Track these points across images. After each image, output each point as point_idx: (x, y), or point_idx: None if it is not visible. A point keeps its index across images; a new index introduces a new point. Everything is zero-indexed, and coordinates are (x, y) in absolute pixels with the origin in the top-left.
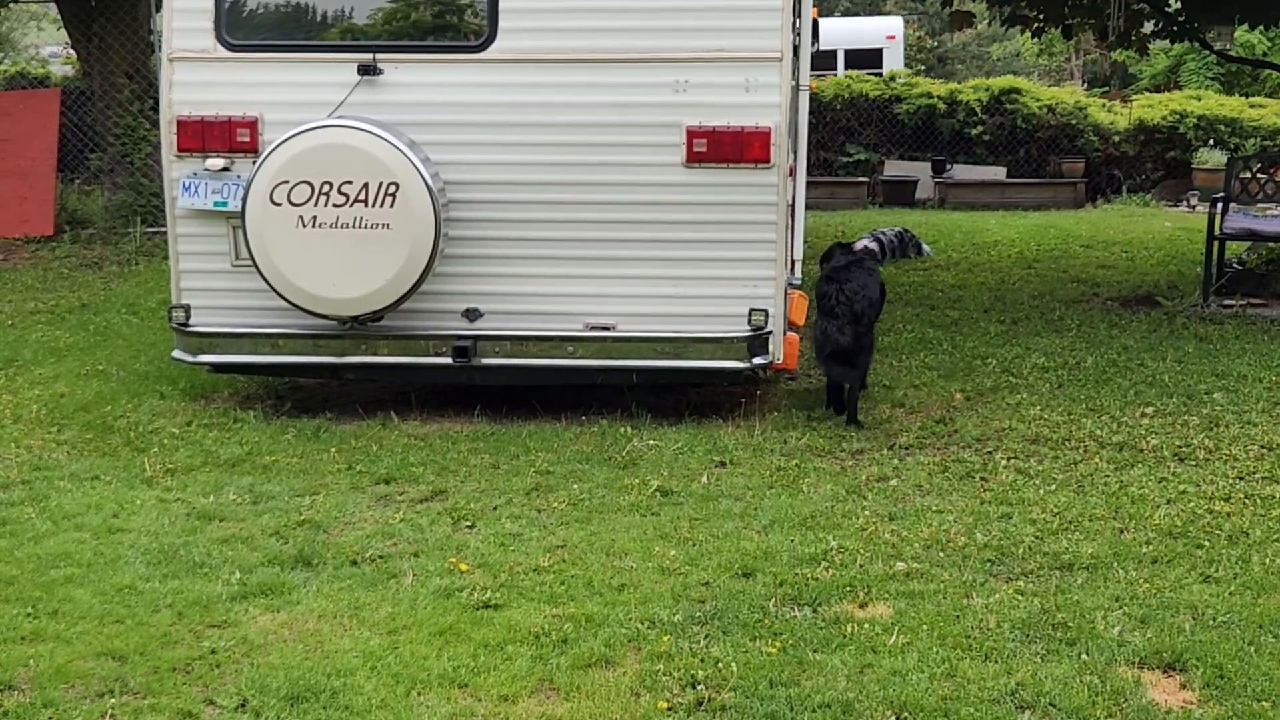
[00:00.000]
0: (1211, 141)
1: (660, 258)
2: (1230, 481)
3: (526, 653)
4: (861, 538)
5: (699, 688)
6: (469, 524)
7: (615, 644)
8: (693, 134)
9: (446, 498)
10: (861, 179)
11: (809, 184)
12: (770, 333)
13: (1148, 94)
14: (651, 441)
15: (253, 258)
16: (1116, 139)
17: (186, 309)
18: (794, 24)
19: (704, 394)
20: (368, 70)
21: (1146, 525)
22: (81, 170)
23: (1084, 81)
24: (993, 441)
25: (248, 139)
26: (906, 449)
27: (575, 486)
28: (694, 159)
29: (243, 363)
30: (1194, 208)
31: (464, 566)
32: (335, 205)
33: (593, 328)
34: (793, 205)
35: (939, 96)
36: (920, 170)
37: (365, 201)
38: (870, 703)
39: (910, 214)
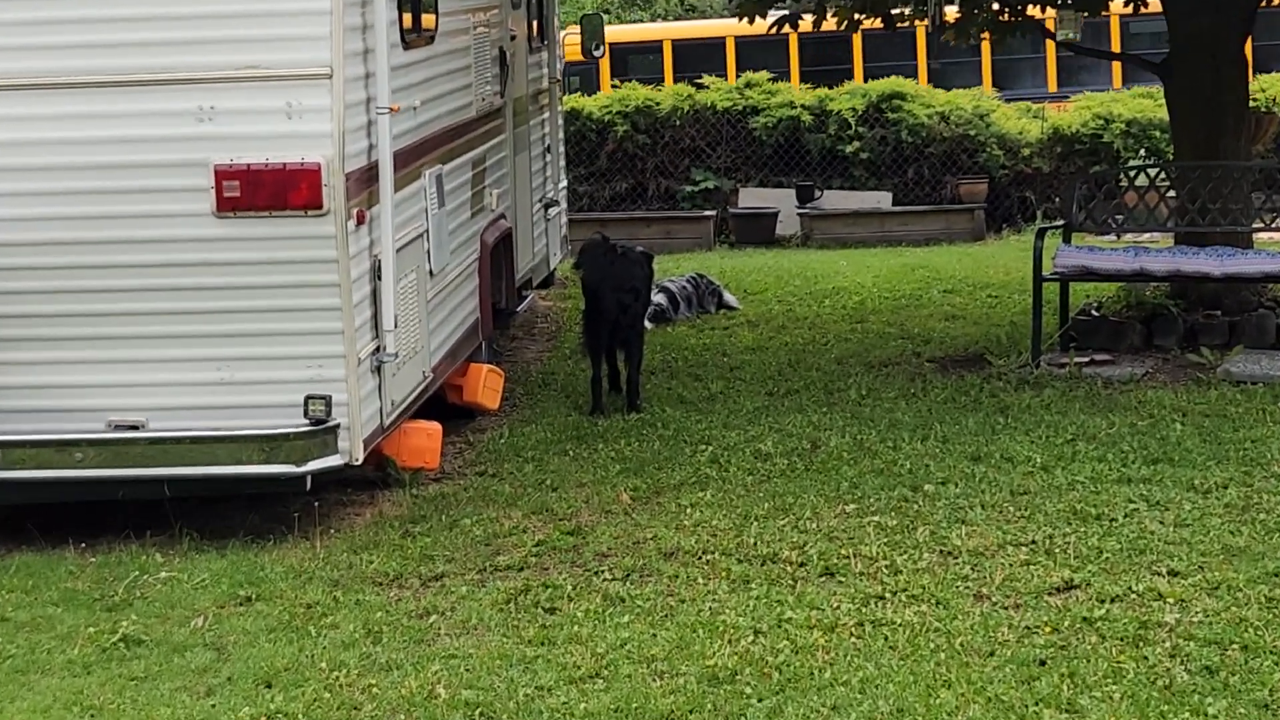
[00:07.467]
0: (1143, 151)
1: (195, 334)
2: (858, 605)
3: None
4: (318, 699)
5: None
6: None
7: None
8: (222, 174)
9: None
10: (709, 212)
11: (642, 220)
12: (338, 426)
13: (1089, 93)
14: (168, 574)
15: None
16: (1027, 152)
17: None
18: (363, 30)
19: (300, 502)
20: None
21: (693, 670)
22: None
23: None
24: (614, 559)
25: None
26: (500, 571)
27: (20, 639)
28: (226, 206)
29: None
30: (1120, 236)
31: None
32: None
33: (118, 426)
34: (379, 262)
35: (804, 106)
36: (784, 199)
37: None
38: None
39: (764, 255)
